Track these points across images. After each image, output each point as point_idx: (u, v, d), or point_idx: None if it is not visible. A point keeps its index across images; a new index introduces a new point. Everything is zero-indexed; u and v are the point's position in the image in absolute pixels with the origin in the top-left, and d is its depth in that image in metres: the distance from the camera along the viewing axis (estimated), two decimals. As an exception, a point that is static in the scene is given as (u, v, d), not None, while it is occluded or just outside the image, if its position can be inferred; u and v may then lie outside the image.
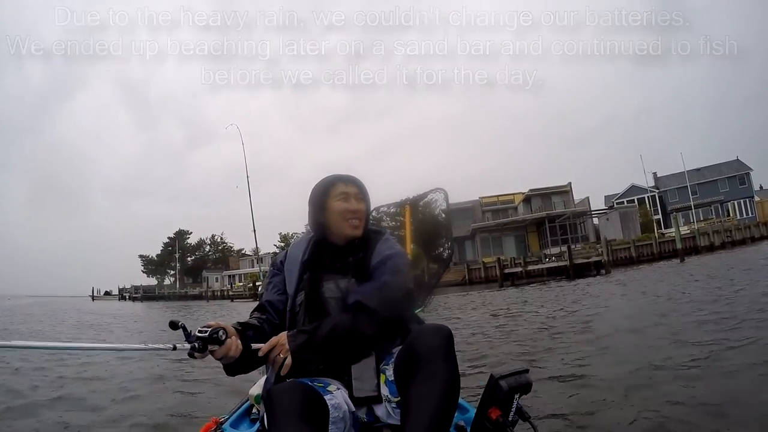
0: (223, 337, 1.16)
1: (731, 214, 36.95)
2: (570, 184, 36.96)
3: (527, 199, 37.71)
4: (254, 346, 1.25)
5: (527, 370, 1.25)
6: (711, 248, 24.99)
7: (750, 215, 37.31)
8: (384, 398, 1.30)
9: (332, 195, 1.45)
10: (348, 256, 1.45)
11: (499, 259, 26.45)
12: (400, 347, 1.28)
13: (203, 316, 17.02)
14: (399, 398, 1.23)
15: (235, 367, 1.29)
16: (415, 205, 1.99)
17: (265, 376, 1.54)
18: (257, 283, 34.94)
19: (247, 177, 2.98)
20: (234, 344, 1.18)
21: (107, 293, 70.16)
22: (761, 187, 43.93)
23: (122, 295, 58.71)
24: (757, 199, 39.33)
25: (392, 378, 1.27)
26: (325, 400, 1.20)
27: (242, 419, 1.57)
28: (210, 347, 1.14)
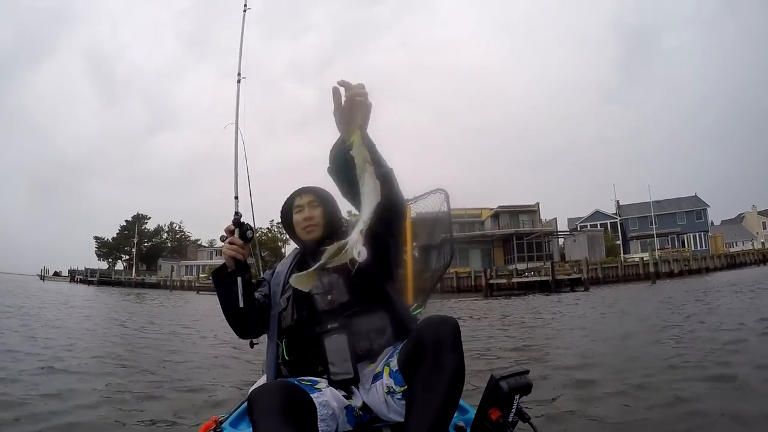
0: (250, 236, 1.46)
1: (686, 246, 38.92)
2: (538, 204, 38.06)
3: (495, 215, 38.48)
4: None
5: (527, 372, 1.25)
6: (671, 275, 26.70)
7: (704, 248, 39.56)
8: (388, 390, 1.28)
9: (293, 210, 1.58)
10: None
11: (486, 270, 27.23)
12: (405, 340, 1.27)
13: (180, 310, 16.46)
14: (405, 387, 1.22)
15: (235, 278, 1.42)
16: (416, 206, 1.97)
17: (265, 375, 1.53)
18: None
19: (248, 177, 2.84)
20: (247, 249, 1.46)
21: (56, 274, 66.68)
22: (712, 223, 46.64)
23: (73, 277, 55.74)
24: (710, 234, 41.74)
25: (396, 369, 1.26)
26: (312, 399, 1.18)
27: (242, 419, 1.53)
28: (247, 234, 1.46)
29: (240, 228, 1.45)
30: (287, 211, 1.61)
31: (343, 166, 1.27)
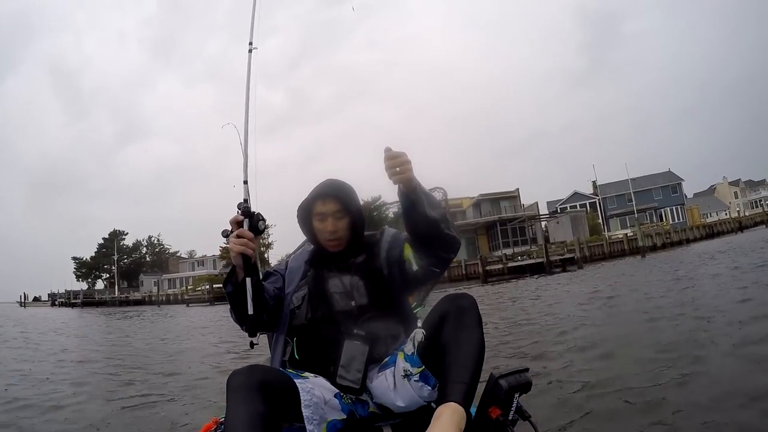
0: (263, 228, 1.27)
1: (664, 220, 39.97)
2: (518, 189, 38.53)
3: (477, 203, 38.83)
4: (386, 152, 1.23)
5: (527, 369, 1.24)
6: (654, 248, 27.61)
7: (681, 220, 40.80)
8: (405, 373, 1.26)
9: (314, 214, 1.46)
10: (349, 258, 1.48)
11: (481, 257, 27.79)
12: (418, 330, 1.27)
13: (177, 321, 16.30)
14: (422, 368, 1.22)
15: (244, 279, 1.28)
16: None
17: None
18: (215, 286, 32.99)
19: (246, 180, 2.66)
20: (257, 244, 1.28)
21: (36, 299, 64.83)
22: (686, 197, 48.14)
23: (54, 301, 54.17)
24: (686, 206, 43.00)
25: (411, 352, 1.25)
26: (295, 384, 1.16)
27: None
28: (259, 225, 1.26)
29: (250, 219, 1.25)
30: (306, 214, 1.49)
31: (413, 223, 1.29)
